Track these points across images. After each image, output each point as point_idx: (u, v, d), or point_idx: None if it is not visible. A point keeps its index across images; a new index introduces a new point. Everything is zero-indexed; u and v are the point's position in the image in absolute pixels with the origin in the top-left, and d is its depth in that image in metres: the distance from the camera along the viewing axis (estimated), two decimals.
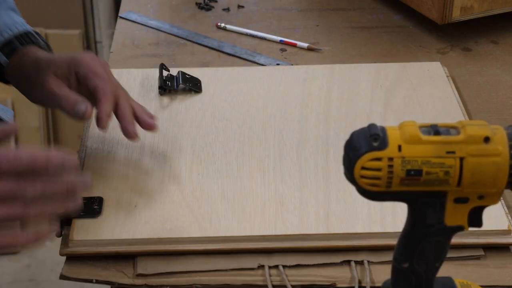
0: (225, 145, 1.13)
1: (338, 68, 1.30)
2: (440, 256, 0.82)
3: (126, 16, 1.51)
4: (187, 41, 1.43)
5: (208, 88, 1.25)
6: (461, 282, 0.89)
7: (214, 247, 0.98)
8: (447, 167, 0.75)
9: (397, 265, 0.83)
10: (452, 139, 0.76)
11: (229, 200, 1.03)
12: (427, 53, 1.40)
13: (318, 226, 1.00)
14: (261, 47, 1.41)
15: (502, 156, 0.76)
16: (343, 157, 0.77)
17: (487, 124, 0.77)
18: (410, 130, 0.76)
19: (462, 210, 0.78)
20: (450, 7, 1.36)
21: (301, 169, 1.09)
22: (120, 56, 1.38)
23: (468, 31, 1.45)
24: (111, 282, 0.96)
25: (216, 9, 1.54)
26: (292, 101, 1.22)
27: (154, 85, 1.25)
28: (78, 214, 1.00)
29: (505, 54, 1.39)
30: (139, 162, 1.09)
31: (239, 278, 0.96)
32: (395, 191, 0.76)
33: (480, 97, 1.28)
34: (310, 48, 1.40)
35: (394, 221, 1.00)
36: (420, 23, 1.48)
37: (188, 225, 1.00)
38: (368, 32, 1.46)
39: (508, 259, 0.98)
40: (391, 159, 0.75)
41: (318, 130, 1.16)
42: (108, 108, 1.01)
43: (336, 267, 0.97)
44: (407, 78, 1.27)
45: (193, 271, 0.96)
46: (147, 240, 0.98)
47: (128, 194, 1.04)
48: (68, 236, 0.98)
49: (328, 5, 1.55)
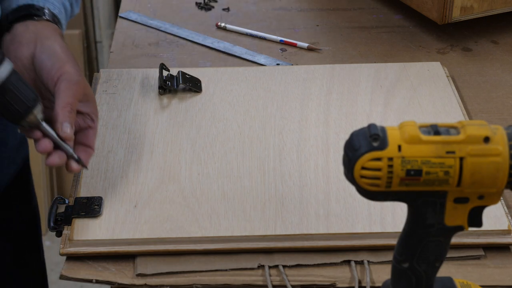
0: (225, 145, 1.13)
1: (338, 68, 1.30)
2: (440, 256, 0.82)
3: (126, 16, 1.51)
4: (187, 41, 1.43)
5: (208, 88, 1.25)
6: (461, 282, 0.89)
7: (214, 247, 0.98)
8: (447, 167, 0.75)
9: (397, 265, 0.83)
10: (452, 139, 0.76)
11: (229, 200, 1.03)
12: (427, 53, 1.40)
13: (318, 226, 1.00)
14: (261, 47, 1.41)
15: (502, 156, 0.76)
16: (343, 157, 0.78)
17: (487, 124, 0.77)
18: (410, 130, 0.76)
19: (462, 210, 0.78)
20: (450, 7, 1.36)
21: (301, 169, 1.09)
22: (120, 56, 1.38)
23: (468, 31, 1.46)
24: (111, 282, 0.96)
25: (216, 9, 1.54)
26: (292, 101, 1.22)
27: (154, 85, 1.25)
28: (78, 214, 1.00)
29: (505, 54, 1.39)
30: (139, 162, 1.09)
31: (239, 278, 0.96)
32: (395, 191, 0.77)
33: (480, 97, 1.28)
34: (310, 48, 1.40)
35: (394, 221, 1.00)
36: (420, 23, 1.48)
37: (188, 225, 1.00)
38: (368, 32, 1.46)
39: (508, 259, 0.98)
40: (391, 159, 0.75)
41: (318, 130, 1.16)
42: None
43: (336, 267, 0.97)
44: (407, 78, 1.27)
45: (193, 271, 0.96)
46: (147, 240, 0.98)
47: (128, 194, 1.04)
48: (68, 236, 0.98)
49: (328, 5, 1.55)
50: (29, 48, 1.01)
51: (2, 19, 1.06)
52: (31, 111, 0.94)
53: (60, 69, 0.98)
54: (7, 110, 0.93)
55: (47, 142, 0.95)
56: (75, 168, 0.97)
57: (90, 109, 1.01)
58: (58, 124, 0.95)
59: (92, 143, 1.01)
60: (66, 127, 0.95)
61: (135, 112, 1.19)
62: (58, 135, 0.95)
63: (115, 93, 1.23)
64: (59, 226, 1.00)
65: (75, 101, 0.97)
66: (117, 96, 1.22)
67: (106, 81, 1.25)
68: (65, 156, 0.96)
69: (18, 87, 0.92)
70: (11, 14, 1.06)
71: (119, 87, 1.24)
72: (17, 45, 1.01)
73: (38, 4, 1.07)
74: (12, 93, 0.92)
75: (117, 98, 1.22)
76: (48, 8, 1.07)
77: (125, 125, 1.16)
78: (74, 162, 0.97)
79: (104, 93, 1.22)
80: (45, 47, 1.00)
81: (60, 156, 0.96)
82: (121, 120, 1.17)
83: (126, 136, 1.14)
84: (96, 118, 1.02)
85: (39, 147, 0.95)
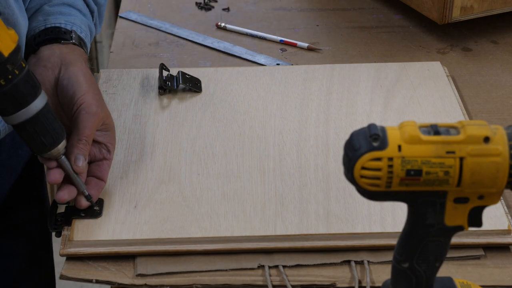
0: (225, 145, 1.13)
1: (338, 68, 1.30)
2: (440, 256, 0.82)
3: (126, 16, 1.51)
4: (187, 41, 1.43)
5: (208, 88, 1.25)
6: (461, 282, 0.89)
7: (214, 247, 0.98)
8: (447, 167, 0.75)
9: (397, 265, 0.83)
10: (452, 139, 0.75)
11: (229, 200, 1.03)
12: (427, 53, 1.40)
13: (318, 226, 1.00)
14: (261, 47, 1.41)
15: (502, 156, 0.76)
16: (343, 157, 0.78)
17: (487, 124, 0.77)
18: (410, 130, 0.76)
19: (462, 210, 0.78)
20: (450, 7, 1.36)
21: (301, 169, 1.09)
22: (120, 56, 1.38)
23: (468, 31, 1.45)
24: (111, 282, 0.96)
25: (216, 9, 1.54)
26: (292, 101, 1.22)
27: (154, 85, 1.25)
28: (79, 215, 1.00)
29: (505, 54, 1.39)
30: (139, 162, 1.09)
31: (239, 278, 0.96)
32: (395, 191, 0.76)
33: (480, 97, 1.28)
34: (310, 48, 1.40)
35: (394, 221, 1.00)
36: (420, 23, 1.48)
37: (188, 225, 1.00)
38: (368, 32, 1.46)
39: (508, 259, 0.98)
40: (391, 159, 0.75)
41: (318, 130, 1.16)
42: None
43: (336, 267, 0.97)
44: (407, 78, 1.27)
45: (193, 271, 0.96)
46: (147, 240, 0.98)
47: (128, 194, 1.04)
48: (68, 237, 0.98)
49: (328, 5, 1.55)
50: (53, 73, 1.02)
51: (29, 40, 1.08)
52: (57, 146, 0.95)
53: (80, 99, 1.00)
54: (33, 141, 0.94)
55: (58, 174, 0.97)
56: (84, 204, 1.00)
57: (107, 139, 1.03)
58: (72, 156, 0.97)
59: (105, 175, 1.03)
60: (79, 160, 0.97)
61: (135, 112, 1.19)
62: (72, 169, 0.97)
63: (115, 94, 1.23)
64: (59, 226, 1.00)
65: (91, 133, 0.99)
66: (117, 97, 1.22)
67: (106, 82, 1.25)
68: (75, 191, 0.99)
69: (48, 120, 0.93)
70: (38, 36, 1.07)
71: (119, 88, 1.24)
72: (42, 69, 1.03)
73: (66, 27, 1.09)
74: (42, 126, 0.92)
75: (117, 99, 1.22)
76: (75, 31, 1.09)
77: (125, 125, 1.16)
78: (83, 199, 0.99)
79: (104, 94, 1.22)
80: (69, 73, 1.02)
81: (69, 192, 0.98)
82: (121, 121, 1.17)
83: (126, 136, 1.14)
84: (112, 148, 1.04)
85: (49, 177, 0.97)
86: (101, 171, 1.02)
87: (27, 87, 0.89)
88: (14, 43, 0.87)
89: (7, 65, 0.86)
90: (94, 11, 1.17)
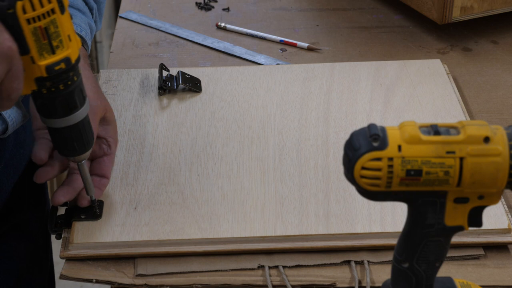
0: (225, 145, 1.13)
1: (338, 66, 1.30)
2: (440, 256, 0.82)
3: (126, 16, 1.51)
4: (187, 41, 1.43)
5: (208, 88, 1.24)
6: (461, 282, 0.89)
7: (214, 248, 0.98)
8: (447, 167, 0.75)
9: (397, 265, 0.83)
10: (452, 139, 0.75)
11: (229, 201, 1.03)
12: (427, 53, 1.39)
13: (318, 227, 1.00)
14: (261, 47, 1.41)
15: (502, 156, 0.75)
16: (343, 157, 0.77)
17: (487, 124, 0.77)
18: (410, 130, 0.76)
19: (462, 210, 0.78)
20: (450, 7, 1.36)
21: (301, 169, 1.08)
22: (120, 56, 1.38)
23: (468, 31, 1.45)
24: (111, 282, 0.96)
25: (216, 9, 1.54)
26: (292, 100, 1.22)
27: (154, 85, 1.25)
28: (79, 217, 1.00)
29: (505, 54, 1.39)
30: (139, 163, 1.09)
31: (239, 278, 0.96)
32: (395, 191, 0.76)
33: (480, 97, 1.27)
34: (310, 48, 1.40)
35: (394, 221, 1.00)
36: (420, 23, 1.48)
37: (188, 227, 0.99)
38: (368, 32, 1.46)
39: (508, 259, 0.98)
40: (391, 159, 0.75)
41: (318, 129, 1.16)
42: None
43: (336, 267, 0.97)
44: (407, 76, 1.27)
45: (193, 271, 0.96)
46: (147, 242, 0.98)
47: (128, 196, 1.04)
48: (68, 239, 0.98)
49: (328, 5, 1.55)
50: None
51: None
52: (85, 153, 0.95)
53: None
54: (64, 144, 0.94)
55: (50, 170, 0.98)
56: (86, 204, 1.00)
57: (108, 133, 1.03)
58: None
59: (108, 172, 1.03)
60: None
61: (135, 113, 1.19)
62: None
63: (115, 94, 1.22)
64: (59, 228, 1.00)
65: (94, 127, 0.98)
66: (117, 97, 1.22)
67: (106, 82, 1.25)
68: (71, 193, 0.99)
69: (85, 128, 0.93)
70: None
71: (119, 88, 1.24)
72: None
73: None
74: (78, 133, 0.93)
75: (117, 99, 1.22)
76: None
77: (125, 126, 1.16)
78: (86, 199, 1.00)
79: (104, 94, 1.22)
80: None
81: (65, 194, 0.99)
82: (121, 121, 1.17)
83: (126, 137, 1.14)
84: (114, 143, 1.03)
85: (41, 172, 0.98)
86: (103, 168, 1.02)
87: (79, 95, 0.90)
88: (79, 50, 0.88)
89: (70, 72, 0.87)
90: (94, 9, 1.17)
